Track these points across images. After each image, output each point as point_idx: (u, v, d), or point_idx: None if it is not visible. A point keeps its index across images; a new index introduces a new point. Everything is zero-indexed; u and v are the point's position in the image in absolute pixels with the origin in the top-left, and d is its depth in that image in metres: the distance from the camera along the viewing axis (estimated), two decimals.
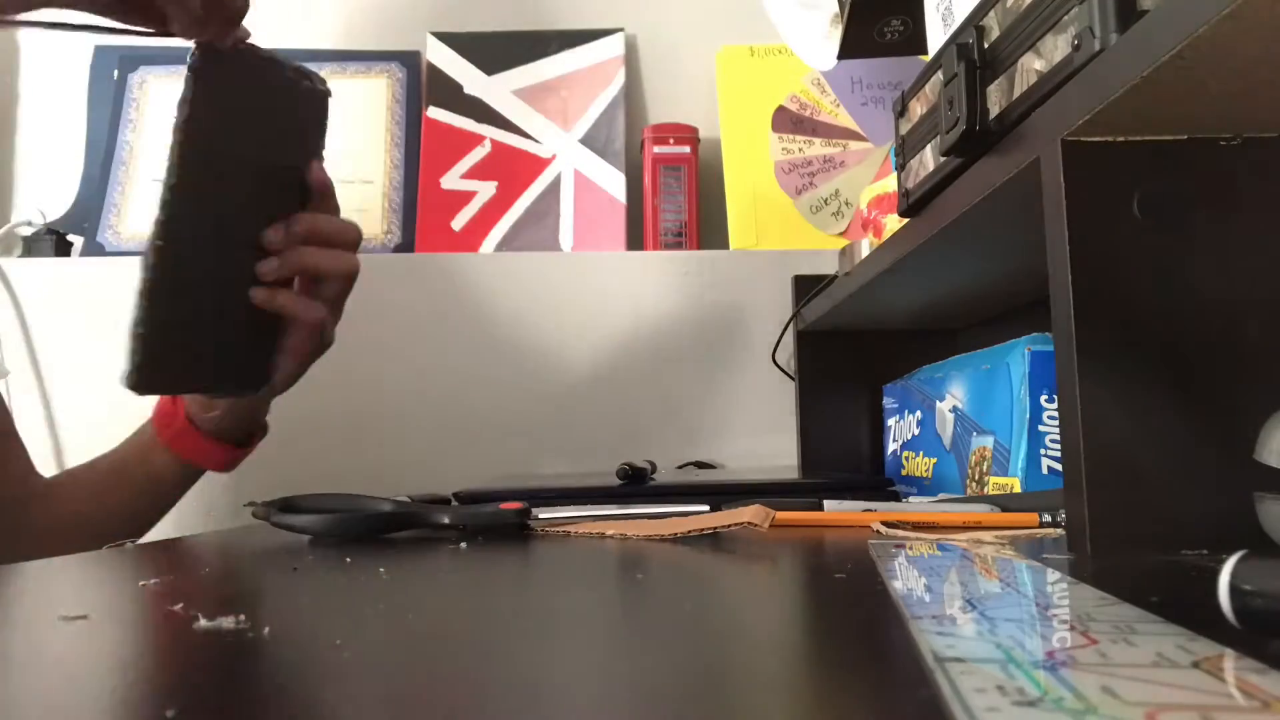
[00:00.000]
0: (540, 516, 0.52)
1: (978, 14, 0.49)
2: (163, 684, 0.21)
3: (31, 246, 1.17)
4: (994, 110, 0.47)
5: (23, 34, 1.29)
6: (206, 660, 0.22)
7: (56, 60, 1.28)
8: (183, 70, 0.56)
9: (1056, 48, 0.41)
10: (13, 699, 0.19)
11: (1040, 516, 0.47)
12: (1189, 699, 0.17)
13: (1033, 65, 0.43)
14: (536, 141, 1.22)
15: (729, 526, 0.44)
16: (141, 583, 0.34)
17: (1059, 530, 0.45)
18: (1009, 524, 0.47)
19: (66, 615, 0.27)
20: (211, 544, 0.51)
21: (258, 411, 0.73)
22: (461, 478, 0.83)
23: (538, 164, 1.21)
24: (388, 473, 1.05)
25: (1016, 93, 0.45)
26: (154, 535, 0.75)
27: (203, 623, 0.25)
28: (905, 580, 0.31)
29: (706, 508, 0.51)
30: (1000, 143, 0.47)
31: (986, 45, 0.48)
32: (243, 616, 0.25)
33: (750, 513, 0.44)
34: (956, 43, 0.50)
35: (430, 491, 0.70)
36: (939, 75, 0.53)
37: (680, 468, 0.99)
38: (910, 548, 0.40)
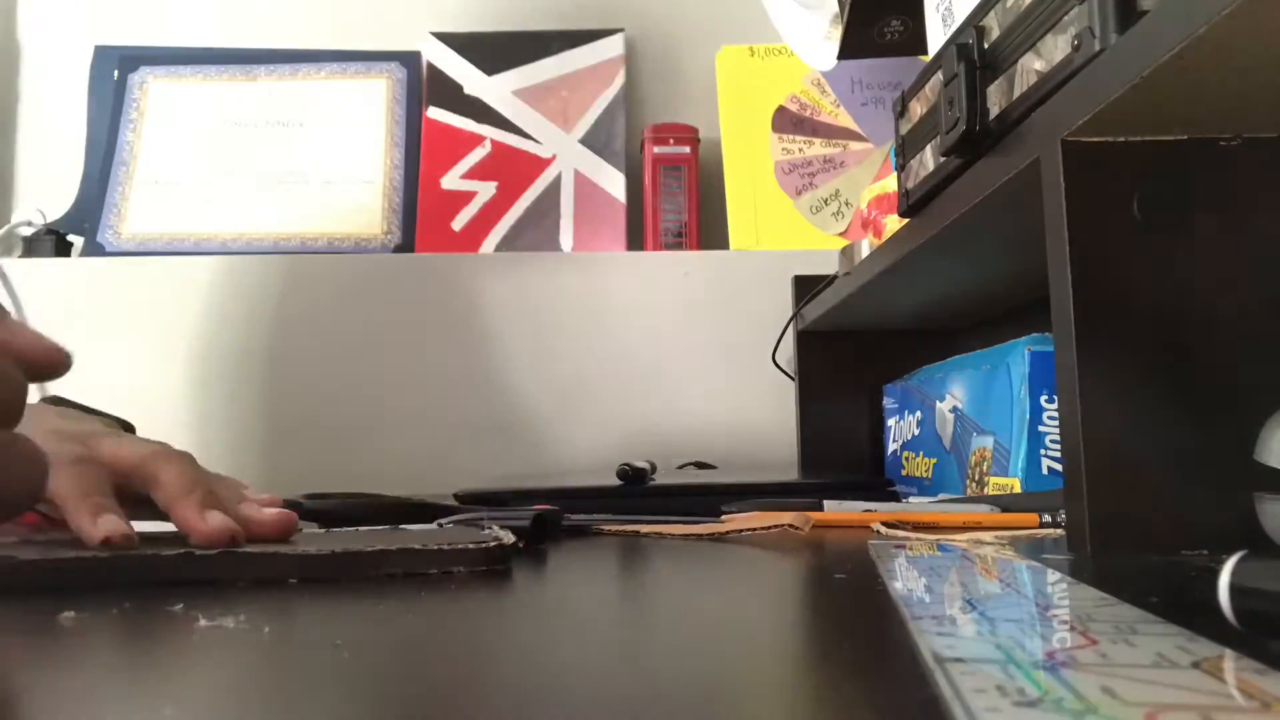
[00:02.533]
0: (570, 518, 0.51)
1: (978, 14, 0.49)
2: (163, 684, 0.21)
3: (31, 246, 1.17)
4: (994, 110, 0.47)
5: (24, 34, 1.29)
6: (206, 660, 0.22)
7: (57, 60, 1.28)
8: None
9: (1056, 48, 0.41)
10: (13, 699, 0.19)
11: (1040, 517, 0.47)
12: (1189, 699, 0.17)
13: (1033, 65, 0.43)
14: (536, 142, 1.22)
15: (769, 529, 0.44)
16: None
17: (1059, 530, 0.45)
18: (1009, 524, 0.47)
19: (66, 615, 0.27)
20: None
21: None
22: (461, 478, 0.83)
23: (538, 164, 1.21)
24: (386, 472, 1.05)
25: (1016, 93, 0.45)
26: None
27: (203, 623, 0.25)
28: (905, 581, 0.31)
29: (735, 510, 0.51)
30: (1000, 143, 0.47)
31: (986, 45, 0.48)
32: (243, 617, 0.25)
33: (791, 516, 0.44)
34: (956, 43, 0.50)
35: (429, 492, 0.70)
36: (939, 75, 0.53)
37: (680, 468, 0.99)
38: (910, 548, 0.40)
